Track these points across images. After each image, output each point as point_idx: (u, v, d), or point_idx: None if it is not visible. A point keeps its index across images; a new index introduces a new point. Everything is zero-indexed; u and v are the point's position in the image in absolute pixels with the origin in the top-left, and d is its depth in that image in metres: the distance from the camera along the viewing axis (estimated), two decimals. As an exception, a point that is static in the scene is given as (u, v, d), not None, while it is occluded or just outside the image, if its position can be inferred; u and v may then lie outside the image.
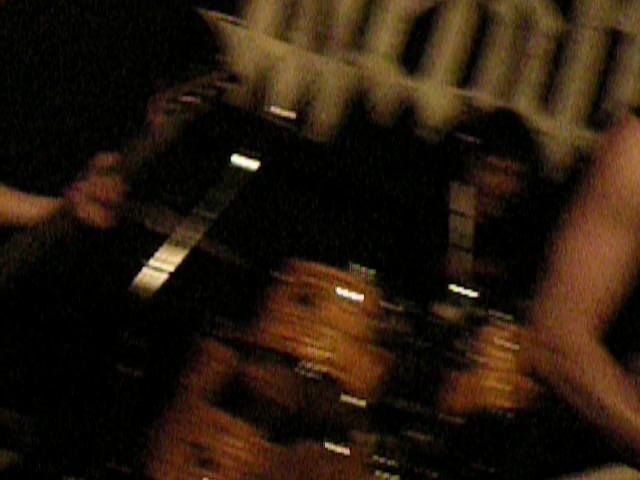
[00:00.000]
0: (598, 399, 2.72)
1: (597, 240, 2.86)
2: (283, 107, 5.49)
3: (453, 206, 4.53)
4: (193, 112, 3.47)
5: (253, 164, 4.59)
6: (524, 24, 5.65)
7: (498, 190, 4.87)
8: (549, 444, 3.24)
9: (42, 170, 5.13)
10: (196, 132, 4.24)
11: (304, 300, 4.56)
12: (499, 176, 4.87)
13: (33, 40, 5.14)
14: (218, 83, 3.47)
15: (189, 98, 3.49)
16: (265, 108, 5.35)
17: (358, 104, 5.62)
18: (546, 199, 5.26)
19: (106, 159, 3.34)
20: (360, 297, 4.52)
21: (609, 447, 2.71)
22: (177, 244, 4.56)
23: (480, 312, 4.59)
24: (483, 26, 5.64)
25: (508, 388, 4.54)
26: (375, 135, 5.64)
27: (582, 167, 5.61)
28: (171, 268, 4.46)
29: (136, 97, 4.02)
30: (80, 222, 3.35)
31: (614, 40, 5.64)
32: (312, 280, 4.60)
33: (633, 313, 2.87)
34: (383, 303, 4.53)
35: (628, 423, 2.68)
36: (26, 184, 3.59)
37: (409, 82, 5.62)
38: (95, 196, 3.31)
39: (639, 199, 2.76)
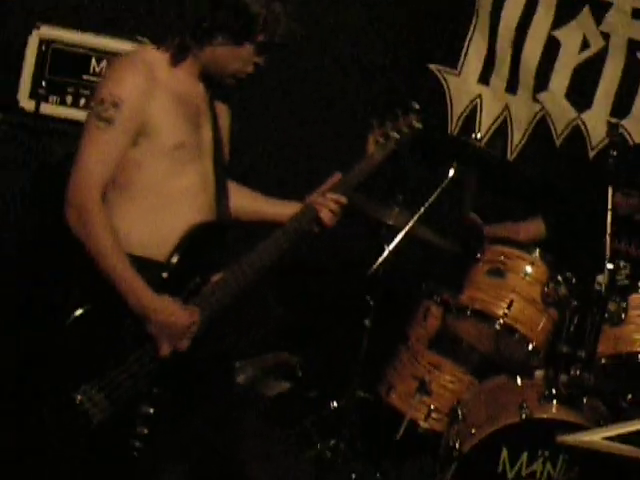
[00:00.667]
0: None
1: None
2: (484, 134, 6.06)
3: (608, 206, 4.62)
4: (396, 145, 3.95)
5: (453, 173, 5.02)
6: None
7: (625, 206, 5.12)
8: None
9: (288, 181, 5.52)
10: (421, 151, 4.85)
11: (495, 272, 4.97)
12: (630, 198, 5.17)
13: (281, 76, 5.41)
14: (413, 124, 3.96)
15: (395, 135, 3.97)
16: (472, 135, 5.60)
17: (542, 129, 6.03)
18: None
19: (337, 177, 3.85)
20: (534, 270, 4.89)
21: None
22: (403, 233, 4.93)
23: (627, 282, 4.92)
24: (631, 69, 5.85)
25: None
26: (555, 149, 6.01)
27: None
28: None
29: (358, 131, 4.15)
30: (319, 221, 3.80)
31: None
32: (501, 258, 4.97)
33: None
34: (552, 275, 4.86)
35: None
36: (276, 192, 4.01)
37: (577, 113, 5.97)
38: (330, 204, 3.82)
39: None
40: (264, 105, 5.63)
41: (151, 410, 3.44)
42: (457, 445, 4.59)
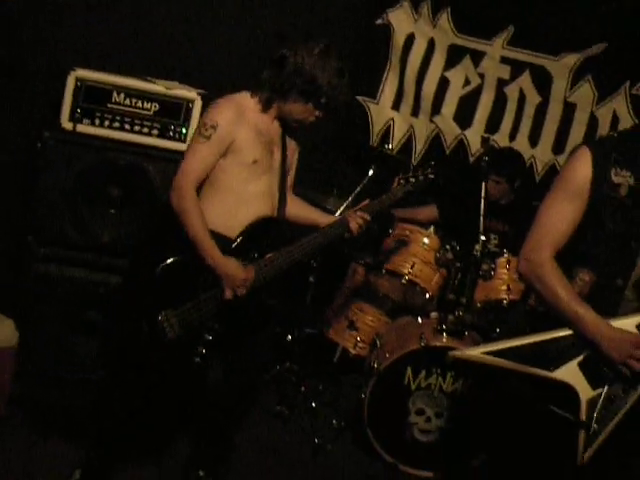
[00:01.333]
0: (559, 295, 3.14)
1: (560, 207, 3.24)
2: (395, 145, 5.84)
3: (482, 195, 4.62)
4: (412, 187, 3.94)
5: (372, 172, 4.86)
6: (521, 99, 5.67)
7: (496, 192, 5.06)
8: (531, 318, 3.48)
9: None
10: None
11: (402, 243, 4.91)
12: (499, 185, 5.12)
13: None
14: (428, 175, 3.96)
15: (413, 179, 3.95)
16: (386, 146, 5.60)
17: (436, 142, 5.81)
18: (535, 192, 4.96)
19: (366, 202, 3.90)
20: (429, 241, 4.87)
21: (563, 323, 3.13)
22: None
23: (496, 249, 4.91)
24: (499, 99, 5.70)
25: (508, 288, 4.85)
26: (445, 160, 5.78)
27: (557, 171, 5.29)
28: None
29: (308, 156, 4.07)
30: (349, 229, 3.82)
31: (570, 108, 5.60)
32: (406, 232, 4.92)
33: (574, 246, 3.27)
34: (442, 244, 4.81)
35: (574, 312, 3.11)
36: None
37: (461, 130, 5.79)
38: (358, 219, 3.82)
39: (581, 189, 3.20)
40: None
41: (210, 337, 3.56)
42: (376, 365, 4.54)
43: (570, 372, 3.05)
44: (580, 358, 3.07)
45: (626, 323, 3.09)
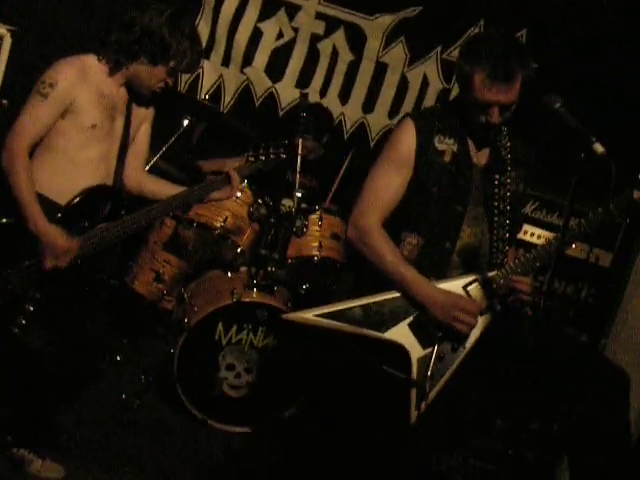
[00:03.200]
0: (386, 259, 3.29)
1: (387, 175, 3.41)
2: (205, 94, 5.79)
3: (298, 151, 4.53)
4: (261, 165, 3.93)
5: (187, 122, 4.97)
6: (334, 55, 5.76)
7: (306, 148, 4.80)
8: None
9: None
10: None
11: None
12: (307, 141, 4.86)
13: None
14: (280, 153, 3.93)
15: (263, 157, 3.93)
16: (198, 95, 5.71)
17: (246, 93, 5.83)
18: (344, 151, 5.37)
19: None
20: (242, 195, 4.84)
21: (390, 284, 3.27)
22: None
23: (308, 206, 4.90)
24: (312, 54, 5.77)
25: (320, 245, 4.91)
26: (255, 108, 5.84)
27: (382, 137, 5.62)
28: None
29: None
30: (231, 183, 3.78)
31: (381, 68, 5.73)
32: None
33: (401, 212, 3.42)
34: (255, 199, 4.86)
35: (402, 275, 3.26)
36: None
37: (272, 83, 5.83)
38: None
39: (406, 158, 3.38)
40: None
41: (31, 308, 3.44)
42: (186, 320, 4.46)
43: (401, 333, 3.23)
44: (410, 319, 3.26)
45: (453, 285, 3.30)
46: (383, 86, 5.75)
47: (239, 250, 4.91)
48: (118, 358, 4.70)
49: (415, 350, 3.22)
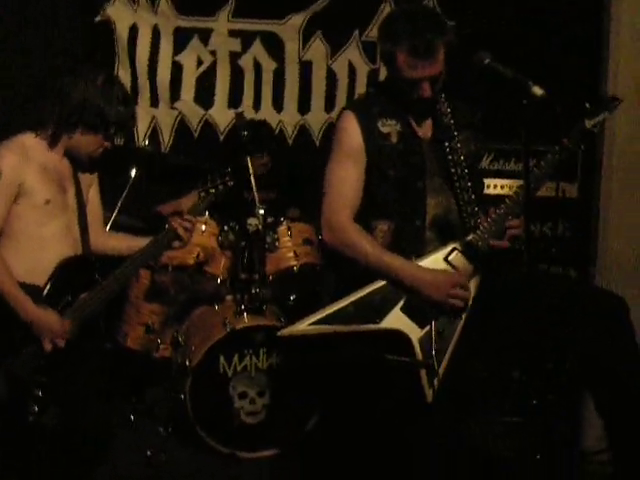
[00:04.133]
0: (368, 253, 3.30)
1: (344, 171, 3.44)
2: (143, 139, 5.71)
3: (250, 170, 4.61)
4: (215, 196, 4.00)
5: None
6: (257, 68, 5.72)
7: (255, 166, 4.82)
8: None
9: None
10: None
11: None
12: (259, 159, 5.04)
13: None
14: (226, 181, 4.00)
15: (213, 190, 4.00)
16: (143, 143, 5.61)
17: (183, 127, 5.78)
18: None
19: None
20: (207, 227, 4.82)
21: (375, 275, 3.28)
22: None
23: (273, 220, 4.84)
24: (235, 73, 5.72)
25: (295, 254, 4.86)
26: (195, 140, 5.77)
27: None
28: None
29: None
30: (178, 238, 3.93)
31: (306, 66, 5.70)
32: (187, 224, 4.32)
33: (366, 201, 3.45)
34: (221, 227, 4.83)
35: (387, 264, 3.28)
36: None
37: (204, 111, 5.78)
38: (185, 224, 3.93)
39: (357, 149, 3.41)
40: None
41: (40, 393, 3.49)
42: (187, 363, 4.46)
43: (395, 318, 3.25)
44: (401, 303, 3.26)
45: (434, 259, 3.33)
46: (312, 84, 5.76)
47: (219, 280, 4.90)
48: (132, 417, 4.71)
49: (414, 332, 3.25)
